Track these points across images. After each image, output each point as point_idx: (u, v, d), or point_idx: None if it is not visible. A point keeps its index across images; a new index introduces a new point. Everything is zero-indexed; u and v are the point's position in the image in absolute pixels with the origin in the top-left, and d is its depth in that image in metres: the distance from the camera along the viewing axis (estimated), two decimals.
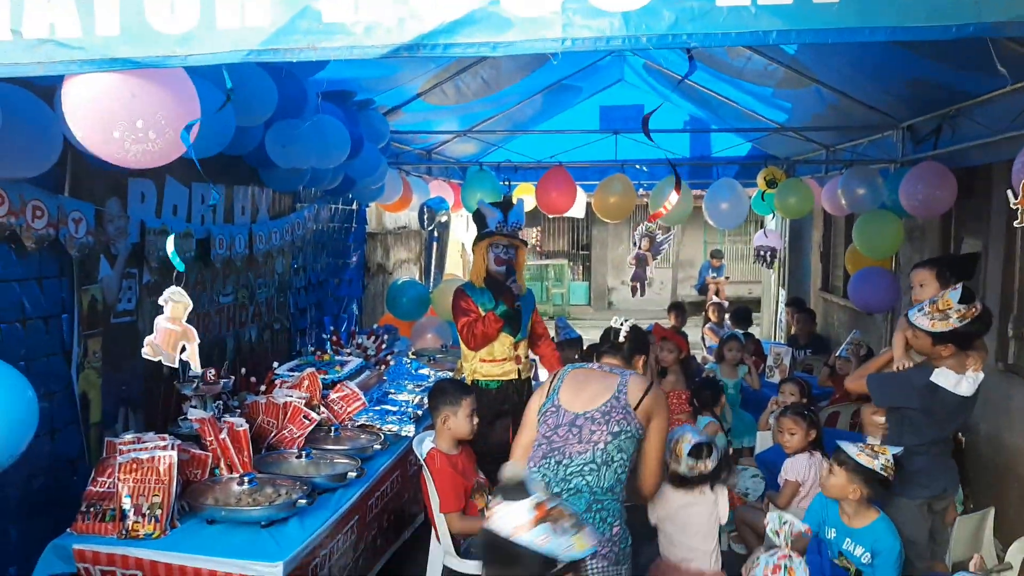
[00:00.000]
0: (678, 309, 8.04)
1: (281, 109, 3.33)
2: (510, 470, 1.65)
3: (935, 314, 2.83)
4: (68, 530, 2.57)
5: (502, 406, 4.07)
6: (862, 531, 2.87)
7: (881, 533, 2.83)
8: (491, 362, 4.06)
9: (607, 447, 2.45)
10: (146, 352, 2.53)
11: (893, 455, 2.83)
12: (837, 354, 5.65)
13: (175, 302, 2.56)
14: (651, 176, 7.10)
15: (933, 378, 2.89)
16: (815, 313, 7.50)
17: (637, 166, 6.07)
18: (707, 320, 8.94)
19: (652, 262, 6.59)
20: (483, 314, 3.96)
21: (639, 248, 8.83)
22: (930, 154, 4.63)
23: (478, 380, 4.00)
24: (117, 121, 1.68)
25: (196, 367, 2.51)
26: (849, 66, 4.40)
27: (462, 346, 4.15)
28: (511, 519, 1.48)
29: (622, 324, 2.92)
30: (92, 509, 2.57)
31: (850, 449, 2.89)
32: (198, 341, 2.42)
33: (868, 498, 2.87)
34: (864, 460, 2.81)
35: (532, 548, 1.45)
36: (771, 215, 8.83)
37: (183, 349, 2.49)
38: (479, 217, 4.11)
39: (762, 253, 7.03)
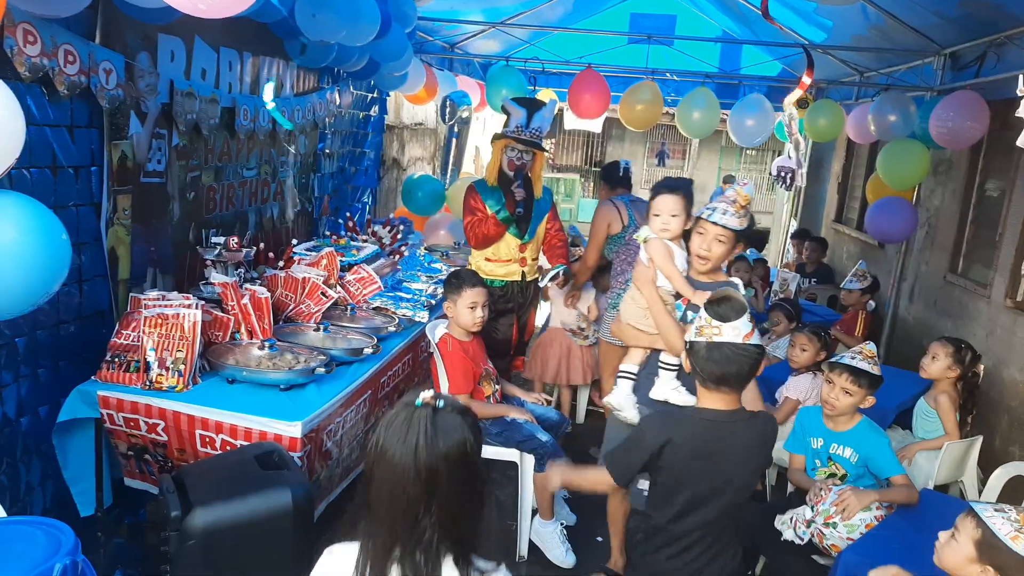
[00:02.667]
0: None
1: None
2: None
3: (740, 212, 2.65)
4: (93, 377, 2.65)
5: (506, 304, 4.09)
6: (848, 434, 2.97)
7: (867, 432, 2.94)
8: (495, 262, 4.06)
9: None
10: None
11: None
12: (842, 285, 5.68)
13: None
14: (678, 91, 6.94)
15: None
16: (826, 242, 7.48)
17: (668, 75, 5.91)
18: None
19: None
20: (489, 214, 3.94)
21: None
22: (968, 83, 4.52)
23: (482, 278, 4.03)
24: None
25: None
26: None
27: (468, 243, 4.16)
28: (738, 331, 1.97)
29: None
30: (116, 359, 2.65)
31: (864, 365, 2.96)
32: None
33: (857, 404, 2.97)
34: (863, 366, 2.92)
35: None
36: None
37: None
38: (505, 111, 4.01)
39: (783, 174, 6.92)
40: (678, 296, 2.76)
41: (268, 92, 3.33)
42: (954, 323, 4.97)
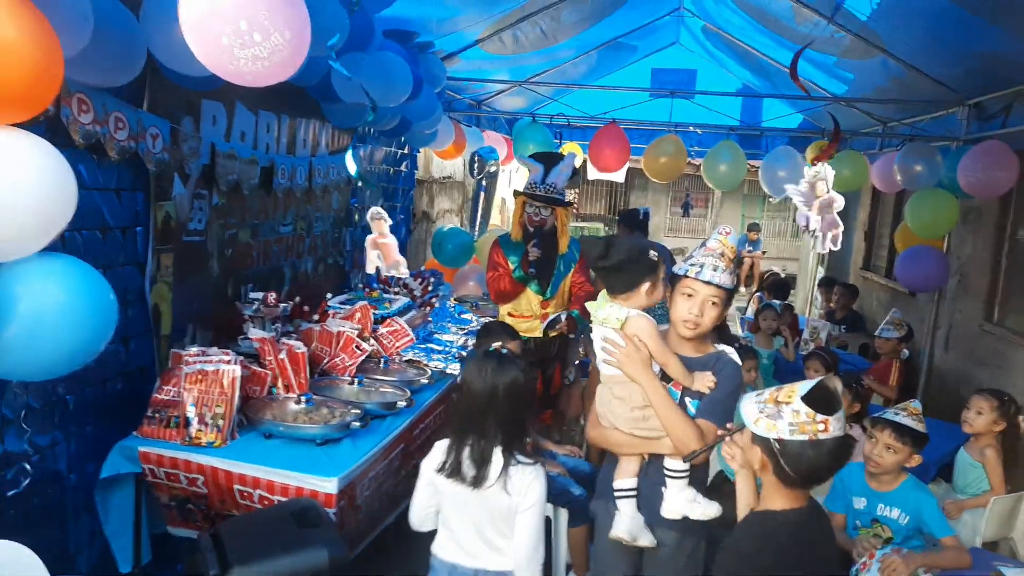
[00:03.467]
0: None
1: (348, 41, 3.35)
2: None
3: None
4: (134, 433, 2.69)
5: (527, 360, 4.02)
6: (894, 493, 2.89)
7: (914, 491, 2.86)
8: (516, 317, 4.09)
9: None
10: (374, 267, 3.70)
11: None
12: (877, 333, 5.61)
13: (378, 219, 3.80)
14: (701, 143, 7.03)
15: None
16: (856, 289, 7.42)
17: (691, 128, 6.00)
18: (759, 289, 8.90)
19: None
20: (510, 269, 3.98)
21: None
22: (996, 133, 4.53)
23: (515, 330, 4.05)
24: (224, 27, 1.71)
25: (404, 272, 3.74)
26: (922, 32, 4.29)
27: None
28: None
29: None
30: (157, 415, 2.69)
31: (910, 422, 2.90)
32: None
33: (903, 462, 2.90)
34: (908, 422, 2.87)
35: None
36: None
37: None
38: (525, 167, 4.10)
39: (811, 229, 6.92)
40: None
41: (349, 160, 3.52)
42: (992, 373, 4.88)
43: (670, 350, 2.27)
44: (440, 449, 2.31)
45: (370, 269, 4.15)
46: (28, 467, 2.40)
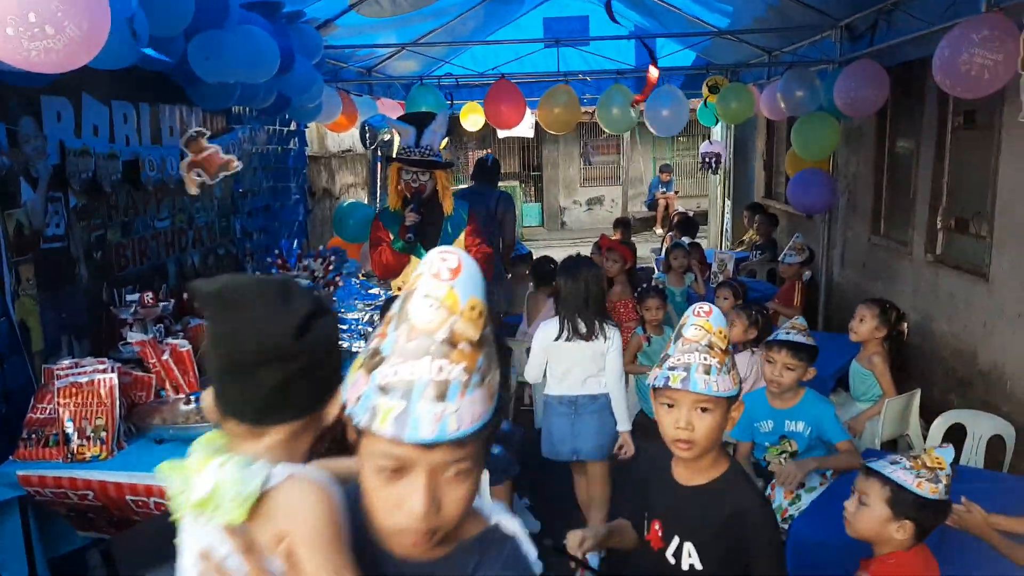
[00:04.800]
0: (624, 224, 8.13)
1: (200, 19, 3.16)
2: None
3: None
4: (10, 457, 2.54)
5: None
6: (796, 408, 3.01)
7: (814, 403, 2.97)
8: None
9: None
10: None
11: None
12: (780, 258, 5.82)
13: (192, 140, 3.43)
14: (596, 90, 7.02)
15: None
16: (776, 218, 7.58)
17: (580, 76, 5.98)
18: (669, 229, 9.08)
19: None
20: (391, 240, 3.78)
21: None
22: (867, 51, 4.67)
23: None
24: (7, 17, 1.57)
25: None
26: None
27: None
28: None
29: None
30: (34, 435, 2.55)
31: (791, 336, 3.00)
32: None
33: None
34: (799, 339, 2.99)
35: None
36: (717, 124, 8.86)
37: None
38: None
39: (707, 160, 7.07)
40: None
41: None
42: (883, 284, 5.13)
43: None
44: (552, 326, 3.34)
45: (192, 190, 3.61)
46: None
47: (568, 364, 3.35)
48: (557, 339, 3.31)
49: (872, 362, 3.69)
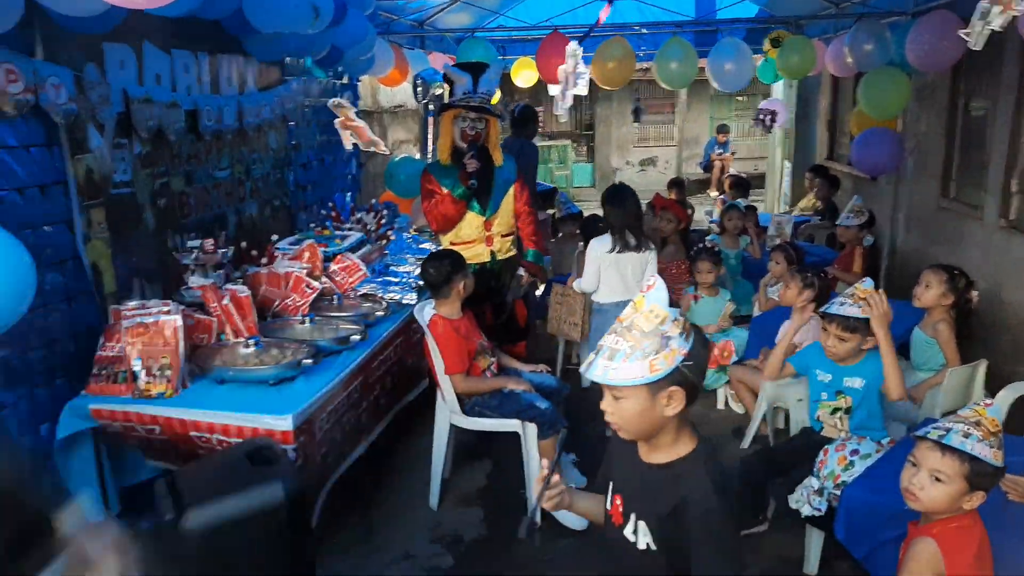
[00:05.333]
0: (678, 185, 7.94)
1: None
2: None
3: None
4: (83, 391, 2.68)
5: (476, 291, 3.52)
6: (857, 366, 2.98)
7: (874, 360, 2.92)
8: (460, 245, 3.74)
9: None
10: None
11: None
12: (838, 222, 5.62)
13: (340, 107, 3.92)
14: (652, 44, 6.82)
15: None
16: (838, 180, 7.30)
17: (636, 27, 5.81)
18: (721, 192, 8.85)
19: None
20: (446, 193, 3.70)
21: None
22: (942, 1, 4.42)
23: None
24: None
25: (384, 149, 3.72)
26: None
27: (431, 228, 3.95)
28: None
29: None
30: (104, 371, 2.67)
31: (852, 311, 2.93)
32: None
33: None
34: (853, 312, 2.90)
35: None
36: (777, 81, 8.54)
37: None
38: (448, 84, 3.76)
39: (761, 116, 6.82)
40: None
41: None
42: (950, 249, 4.92)
43: None
44: (605, 241, 3.92)
45: (348, 146, 4.30)
46: None
47: (621, 272, 3.95)
48: (611, 252, 3.90)
49: (937, 329, 3.56)
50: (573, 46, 4.84)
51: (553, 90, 8.81)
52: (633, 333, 1.52)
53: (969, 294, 3.69)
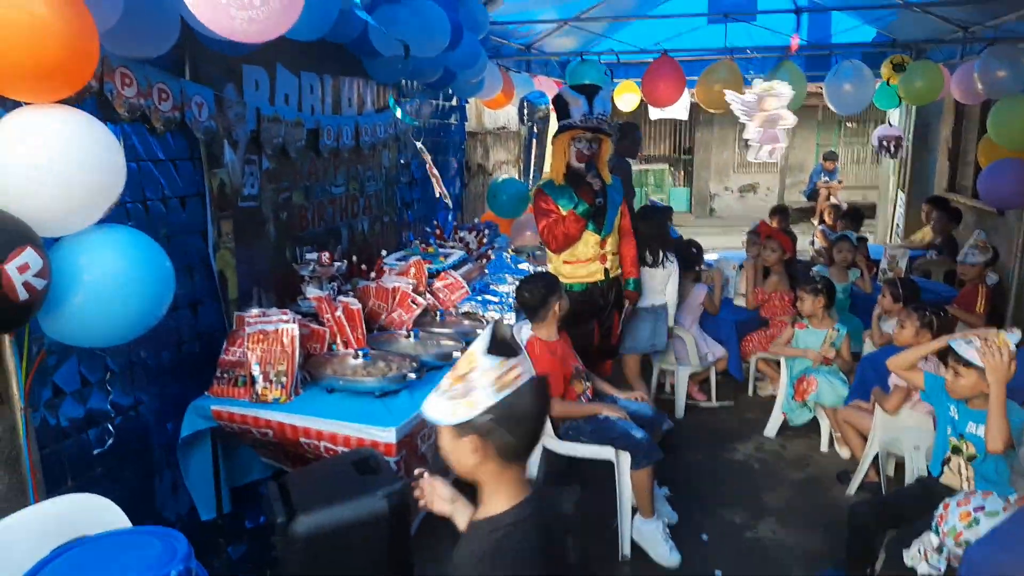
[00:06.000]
0: (781, 213, 7.65)
1: None
2: None
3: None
4: (206, 392, 2.84)
5: (584, 308, 3.84)
6: (984, 412, 2.76)
7: (1010, 410, 2.73)
8: (575, 263, 3.84)
9: None
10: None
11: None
12: (960, 258, 5.29)
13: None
14: (760, 68, 6.67)
15: None
16: (959, 213, 6.86)
17: (748, 52, 5.68)
18: (821, 222, 8.49)
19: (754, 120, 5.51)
20: (564, 214, 3.75)
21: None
22: None
23: (562, 283, 3.86)
24: None
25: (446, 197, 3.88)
26: None
27: (546, 247, 3.99)
28: None
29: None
30: (226, 375, 2.82)
31: (969, 353, 2.75)
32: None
33: None
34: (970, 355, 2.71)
35: None
36: (897, 107, 8.14)
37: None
38: (560, 105, 3.81)
39: (884, 144, 6.49)
40: None
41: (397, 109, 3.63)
42: None
43: None
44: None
45: (436, 194, 4.22)
46: (111, 427, 2.56)
47: (646, 286, 4.31)
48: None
49: None
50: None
51: (655, 114, 8.78)
52: (456, 372, 1.50)
53: None
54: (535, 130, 6.61)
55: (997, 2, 5.03)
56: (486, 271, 4.51)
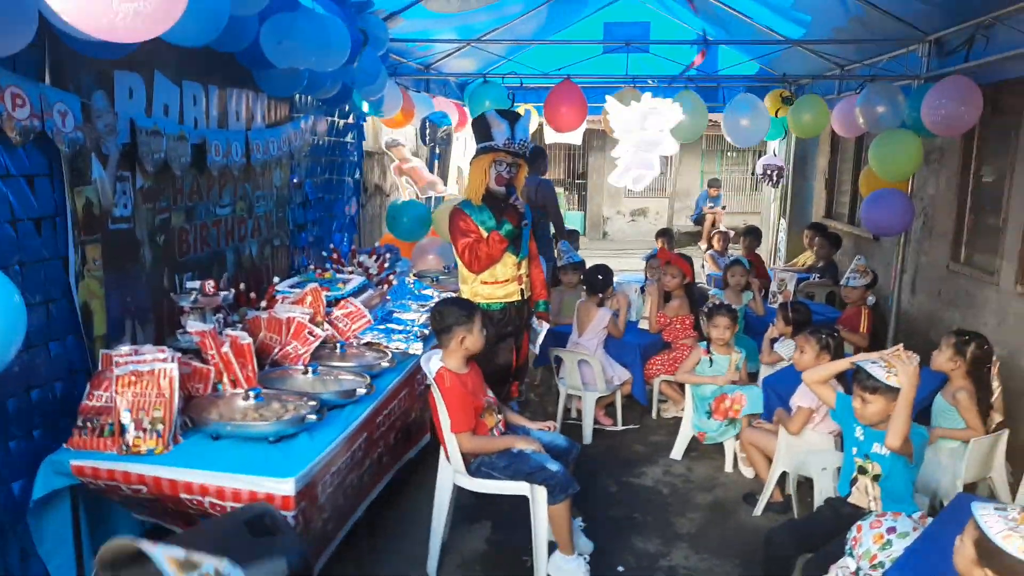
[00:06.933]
0: (666, 236, 7.85)
1: (275, 2, 3.07)
2: None
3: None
4: (64, 445, 2.45)
5: (505, 328, 3.99)
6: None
7: (914, 431, 2.78)
8: (493, 284, 3.93)
9: None
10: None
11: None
12: (843, 282, 5.55)
13: (395, 147, 2.90)
14: (662, 96, 6.84)
15: None
16: (840, 239, 7.29)
17: (650, 81, 5.79)
18: (709, 247, 8.80)
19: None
20: (484, 234, 3.80)
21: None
22: (958, 68, 4.43)
23: (479, 303, 3.86)
24: None
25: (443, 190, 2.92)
26: None
27: (460, 268, 4.01)
28: None
29: None
30: (89, 424, 2.45)
31: (877, 372, 2.81)
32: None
33: None
34: (895, 381, 2.75)
35: None
36: (779, 139, 8.59)
37: None
38: (481, 127, 3.85)
39: (768, 172, 6.78)
40: None
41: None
42: (962, 313, 4.85)
43: None
44: None
45: (405, 196, 4.02)
46: None
47: None
48: None
49: (957, 398, 3.45)
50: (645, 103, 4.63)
51: (550, 138, 8.84)
52: None
53: (991, 363, 3.59)
54: (436, 151, 6.44)
55: (873, 43, 5.38)
56: (388, 298, 4.26)
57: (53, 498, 2.46)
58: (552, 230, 6.52)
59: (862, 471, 2.94)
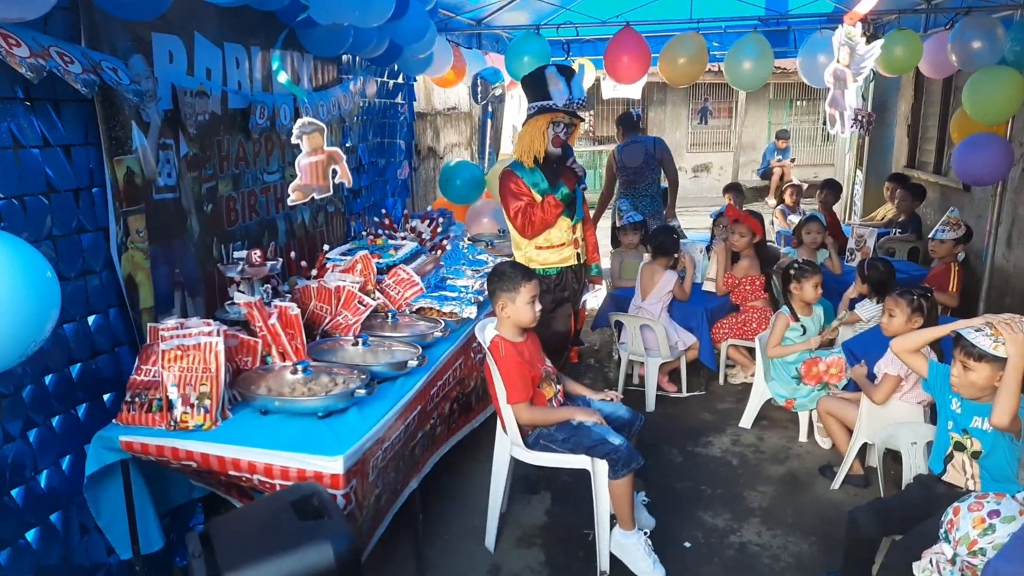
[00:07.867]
0: (735, 191, 7.43)
1: None
2: None
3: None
4: (113, 421, 2.41)
5: (562, 293, 3.88)
6: (991, 406, 2.53)
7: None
8: (548, 248, 3.82)
9: None
10: (295, 199, 2.83)
11: None
12: (931, 235, 5.13)
13: (309, 133, 2.81)
14: (722, 46, 6.40)
15: None
16: (924, 190, 6.75)
17: (721, 29, 5.37)
18: (780, 202, 8.34)
19: (851, 83, 5.01)
20: (537, 197, 3.68)
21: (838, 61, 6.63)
22: None
23: (534, 268, 3.70)
24: None
25: (348, 181, 2.98)
26: None
27: (512, 232, 3.88)
28: None
29: None
30: (137, 399, 2.40)
31: (982, 341, 2.51)
32: (345, 158, 2.87)
33: None
34: (1003, 351, 2.45)
35: None
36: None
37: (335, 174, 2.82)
38: (537, 84, 3.64)
39: (859, 117, 6.25)
40: None
41: (282, 75, 3.16)
42: None
43: None
44: None
45: (328, 189, 3.12)
46: None
47: None
48: None
49: None
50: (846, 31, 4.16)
51: (607, 93, 8.43)
52: None
53: None
54: (490, 110, 6.22)
55: None
56: (441, 264, 4.12)
57: (107, 473, 2.43)
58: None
59: (959, 447, 2.67)
